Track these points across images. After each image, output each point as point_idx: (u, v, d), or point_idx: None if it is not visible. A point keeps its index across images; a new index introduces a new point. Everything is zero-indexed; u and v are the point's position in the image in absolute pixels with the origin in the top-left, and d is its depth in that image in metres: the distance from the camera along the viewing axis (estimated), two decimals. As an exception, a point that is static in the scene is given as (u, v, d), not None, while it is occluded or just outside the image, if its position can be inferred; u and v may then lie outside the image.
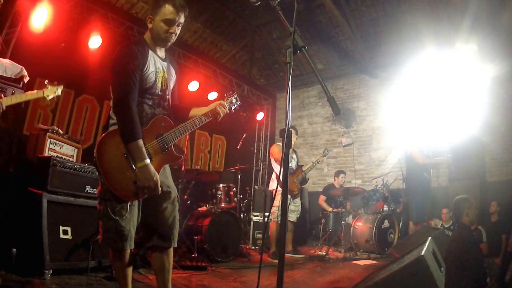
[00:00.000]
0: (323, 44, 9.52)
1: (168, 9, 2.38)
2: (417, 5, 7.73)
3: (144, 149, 2.26)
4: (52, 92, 3.66)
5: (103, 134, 2.34)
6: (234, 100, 2.80)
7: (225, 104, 2.71)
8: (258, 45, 10.29)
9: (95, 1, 6.55)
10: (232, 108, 2.79)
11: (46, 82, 3.61)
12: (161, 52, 2.57)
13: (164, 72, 2.54)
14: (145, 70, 2.39)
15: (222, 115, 2.66)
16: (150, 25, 2.46)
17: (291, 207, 6.26)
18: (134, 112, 2.27)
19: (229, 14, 9.06)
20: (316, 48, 9.71)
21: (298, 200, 6.41)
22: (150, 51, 2.47)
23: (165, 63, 2.58)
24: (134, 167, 2.26)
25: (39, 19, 5.38)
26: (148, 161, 2.25)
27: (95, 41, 6.20)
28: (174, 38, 2.51)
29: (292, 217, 6.27)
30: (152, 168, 2.26)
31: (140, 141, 2.25)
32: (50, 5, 5.41)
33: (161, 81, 2.52)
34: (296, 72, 10.27)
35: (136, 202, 2.38)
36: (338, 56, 9.69)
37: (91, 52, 6.23)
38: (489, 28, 6.98)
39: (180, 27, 2.50)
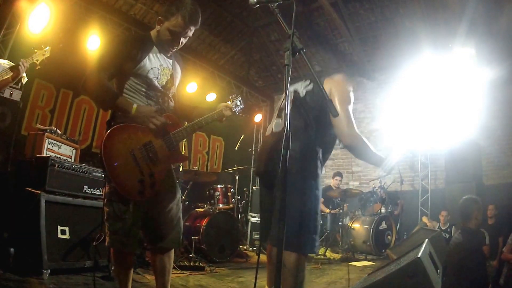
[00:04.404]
0: (321, 46, 9.54)
1: (178, 21, 2.36)
2: (415, 9, 7.77)
3: (126, 100, 2.29)
4: (41, 55, 3.72)
5: (110, 130, 2.27)
6: (238, 103, 2.75)
7: (232, 106, 2.66)
8: (256, 47, 10.31)
9: (93, 2, 6.54)
10: (236, 111, 2.76)
11: (32, 48, 3.71)
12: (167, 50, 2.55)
13: (169, 69, 2.52)
14: (143, 64, 2.36)
15: (226, 117, 2.64)
16: (158, 27, 2.44)
17: None
18: (102, 80, 2.26)
19: (227, 16, 9.08)
20: (314, 50, 9.73)
21: None
22: (154, 47, 2.45)
23: (171, 60, 2.56)
24: (140, 166, 2.25)
25: (37, 19, 5.38)
26: (135, 104, 2.28)
27: (93, 42, 6.20)
28: (176, 48, 2.52)
29: None
30: (142, 107, 2.30)
31: (119, 99, 2.26)
32: (48, 6, 5.42)
33: (166, 79, 2.50)
34: (294, 74, 10.17)
35: (141, 204, 2.31)
36: (335, 58, 9.71)
37: (90, 53, 6.23)
38: (486, 32, 7.01)
39: (186, 38, 2.49)
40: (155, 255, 2.45)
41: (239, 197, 6.91)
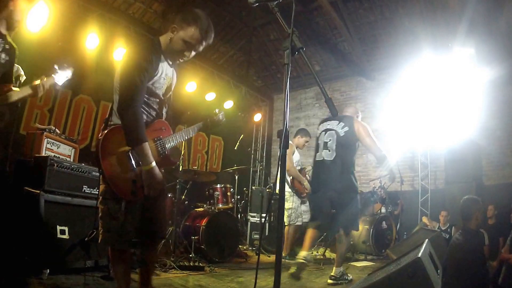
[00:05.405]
0: (321, 45, 9.55)
1: (194, 33, 2.39)
2: (415, 9, 7.77)
3: (149, 152, 2.20)
4: (64, 76, 3.49)
5: (107, 130, 2.29)
6: (221, 117, 2.96)
7: (215, 119, 2.91)
8: (255, 46, 10.29)
9: (92, 1, 6.54)
10: (219, 123, 3.00)
11: (55, 66, 3.47)
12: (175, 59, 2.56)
13: (170, 78, 2.54)
14: (156, 75, 2.36)
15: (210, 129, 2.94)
16: (171, 34, 2.42)
17: (304, 207, 6.26)
18: (139, 115, 2.21)
19: (226, 15, 9.06)
20: (313, 50, 9.73)
21: (306, 200, 6.41)
22: (162, 56, 2.43)
23: (171, 69, 2.57)
24: (135, 168, 2.24)
25: (36, 18, 5.36)
26: (153, 164, 2.20)
27: (92, 41, 6.19)
28: (185, 60, 2.53)
29: (306, 218, 6.26)
30: (157, 170, 2.23)
31: (146, 144, 2.19)
32: (47, 4, 5.40)
33: (166, 87, 2.52)
34: (294, 74, 10.28)
35: (137, 202, 2.34)
36: (335, 58, 9.72)
37: (88, 52, 6.22)
38: (486, 31, 7.01)
39: (196, 52, 2.52)
40: (145, 249, 2.56)
41: (238, 197, 6.90)
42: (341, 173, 4.31)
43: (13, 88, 2.96)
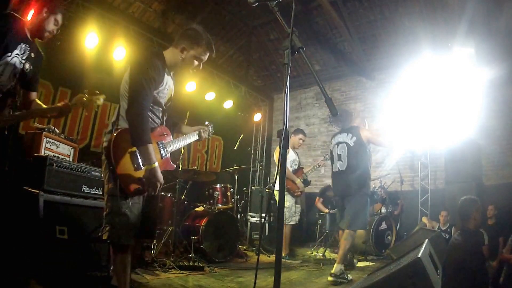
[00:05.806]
0: (320, 45, 9.53)
1: (203, 50, 2.71)
2: (414, 9, 7.76)
3: (153, 152, 2.36)
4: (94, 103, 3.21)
5: (118, 131, 2.44)
6: (210, 129, 3.34)
7: (207, 130, 3.28)
8: (255, 46, 10.28)
9: (91, 0, 6.51)
10: (208, 136, 3.33)
11: (85, 91, 3.20)
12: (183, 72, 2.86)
13: (172, 90, 2.77)
14: (161, 85, 2.57)
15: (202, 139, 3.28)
16: (182, 55, 2.69)
17: (296, 208, 6.25)
18: (146, 118, 2.41)
19: (225, 15, 9.05)
20: (313, 49, 9.72)
21: (298, 201, 6.41)
22: (166, 69, 2.64)
23: (172, 81, 2.78)
24: (142, 167, 2.41)
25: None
26: (156, 164, 2.37)
27: (91, 40, 6.17)
28: (195, 71, 2.81)
29: (294, 219, 6.24)
30: (158, 171, 2.38)
31: (150, 145, 2.36)
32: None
33: (168, 97, 2.75)
34: (294, 73, 10.28)
35: (140, 200, 2.52)
36: (335, 57, 9.71)
37: (88, 52, 6.21)
38: (486, 31, 7.00)
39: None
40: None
41: (238, 196, 6.89)
42: (353, 179, 4.78)
43: (38, 101, 2.99)
